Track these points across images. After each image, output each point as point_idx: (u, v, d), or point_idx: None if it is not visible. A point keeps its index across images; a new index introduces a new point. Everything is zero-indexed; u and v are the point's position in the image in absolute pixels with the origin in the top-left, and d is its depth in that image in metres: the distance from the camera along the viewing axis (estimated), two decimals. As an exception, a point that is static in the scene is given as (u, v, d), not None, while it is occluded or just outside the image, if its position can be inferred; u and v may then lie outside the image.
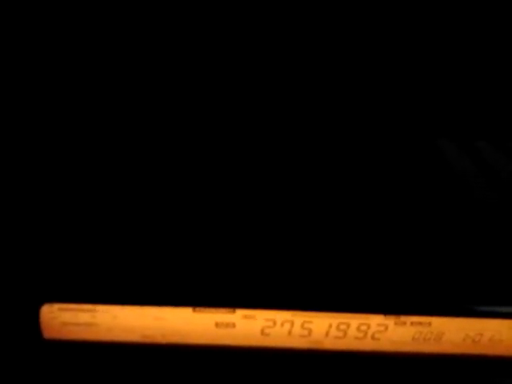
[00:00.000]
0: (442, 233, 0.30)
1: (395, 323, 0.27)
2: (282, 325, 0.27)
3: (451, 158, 0.37)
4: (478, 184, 0.35)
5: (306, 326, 0.27)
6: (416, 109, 0.39)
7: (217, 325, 0.27)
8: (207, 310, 0.26)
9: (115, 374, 0.27)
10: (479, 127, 0.39)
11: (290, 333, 0.27)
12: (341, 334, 0.27)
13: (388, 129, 0.40)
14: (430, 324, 0.27)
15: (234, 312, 0.26)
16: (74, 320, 0.26)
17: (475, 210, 0.32)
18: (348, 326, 0.27)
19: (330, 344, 0.27)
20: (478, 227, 0.30)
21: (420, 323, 0.27)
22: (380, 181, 0.35)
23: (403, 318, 0.27)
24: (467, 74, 0.39)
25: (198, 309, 0.26)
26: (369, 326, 0.27)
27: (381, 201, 0.32)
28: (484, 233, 0.30)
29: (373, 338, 0.27)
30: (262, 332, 0.27)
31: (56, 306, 0.26)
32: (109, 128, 0.37)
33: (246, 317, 0.27)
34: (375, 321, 0.27)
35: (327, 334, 0.27)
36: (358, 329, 0.27)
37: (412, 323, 0.27)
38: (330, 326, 0.27)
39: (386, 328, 0.27)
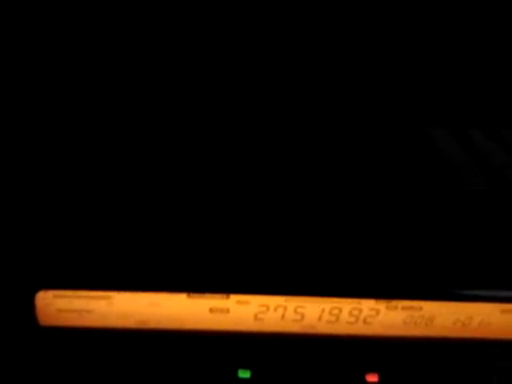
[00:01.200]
0: (433, 219, 0.30)
1: (386, 307, 0.27)
2: (276, 310, 0.27)
3: (443, 146, 0.38)
4: (469, 172, 0.35)
5: (299, 310, 0.27)
6: (408, 97, 0.40)
7: (211, 310, 0.27)
8: (201, 295, 0.27)
9: (110, 360, 0.28)
10: (471, 116, 0.39)
11: (283, 317, 0.27)
12: (333, 318, 0.27)
13: (380, 117, 0.40)
14: (421, 308, 0.27)
15: (228, 297, 0.27)
16: (69, 307, 0.27)
17: (466, 197, 0.32)
18: (340, 310, 0.27)
19: (323, 328, 0.28)
20: (468, 213, 0.31)
21: (411, 307, 0.27)
22: (371, 168, 0.35)
23: (394, 303, 0.27)
24: (460, 63, 0.40)
25: (192, 294, 0.26)
26: (360, 311, 0.27)
27: (372, 188, 0.33)
28: (474, 218, 0.30)
29: (365, 322, 0.27)
30: (256, 317, 0.27)
31: (51, 293, 0.26)
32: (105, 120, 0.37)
33: (239, 302, 0.27)
34: (367, 305, 0.27)
35: (320, 318, 0.27)
36: (350, 313, 0.27)
37: (403, 307, 0.27)
38: (323, 310, 0.27)
39: (378, 312, 0.27)
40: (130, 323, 0.27)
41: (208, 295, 0.27)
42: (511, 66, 0.40)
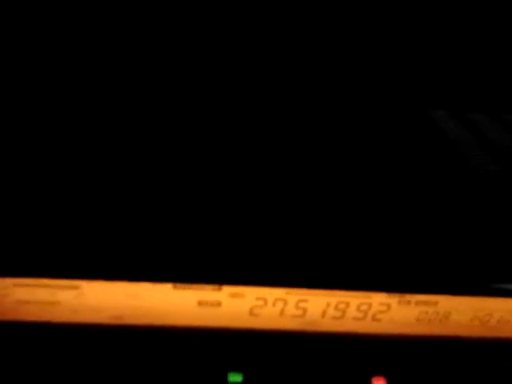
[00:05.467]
0: (448, 206, 0.27)
1: (399, 302, 0.24)
2: (274, 304, 0.24)
3: (448, 129, 0.35)
4: (475, 156, 0.33)
5: (301, 305, 0.24)
6: (412, 81, 0.38)
7: (200, 304, 0.23)
8: (189, 286, 0.23)
9: (79, 362, 0.24)
10: (475, 99, 0.38)
11: (282, 313, 0.24)
12: (339, 314, 0.24)
13: (384, 100, 0.38)
14: (436, 303, 0.24)
15: (219, 289, 0.23)
16: (31, 297, 0.22)
17: (479, 183, 0.30)
18: (347, 305, 0.24)
19: (327, 325, 0.24)
20: (482, 201, 0.28)
21: (426, 302, 0.24)
22: (377, 155, 0.32)
23: (408, 297, 0.24)
24: (463, 47, 0.38)
25: (178, 285, 0.23)
26: (370, 306, 0.24)
27: (380, 174, 0.30)
28: (491, 207, 0.28)
29: (374, 318, 0.24)
30: (251, 312, 0.24)
31: (10, 281, 0.22)
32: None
33: (233, 295, 0.23)
34: (377, 300, 0.24)
35: (324, 314, 0.24)
36: (358, 308, 0.24)
37: (417, 302, 0.24)
38: (328, 305, 0.24)
39: (389, 307, 0.24)
40: (104, 318, 0.23)
41: (197, 286, 0.23)
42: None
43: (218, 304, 0.23)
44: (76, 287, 0.23)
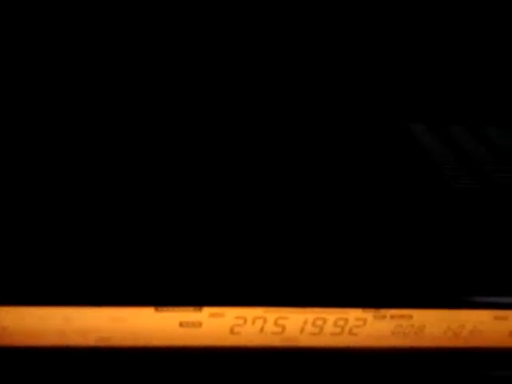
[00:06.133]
0: (421, 222, 0.28)
1: (374, 317, 0.25)
2: (254, 322, 0.25)
3: (424, 141, 0.36)
4: (451, 168, 0.33)
5: (280, 322, 0.25)
6: (389, 93, 0.38)
7: (181, 324, 0.24)
8: (171, 308, 0.24)
9: (70, 382, 0.25)
10: (452, 111, 0.38)
11: (262, 330, 0.25)
12: (317, 330, 0.25)
13: (360, 111, 0.38)
14: (411, 317, 0.25)
15: (200, 310, 0.24)
16: (18, 325, 0.23)
17: (452, 197, 0.30)
18: (324, 321, 0.25)
19: (305, 341, 0.25)
20: (456, 215, 0.29)
21: (401, 316, 0.25)
22: (354, 169, 0.33)
23: (383, 312, 0.25)
24: (442, 59, 0.38)
25: (160, 308, 0.24)
26: (346, 321, 0.25)
27: (355, 190, 0.31)
28: (464, 221, 0.28)
29: (350, 333, 0.25)
30: (232, 331, 0.25)
31: (-2, 310, 0.23)
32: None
33: (213, 315, 0.24)
34: (353, 315, 0.25)
35: (302, 330, 0.25)
36: (335, 324, 0.25)
37: (392, 316, 0.25)
38: (306, 321, 0.25)
39: (365, 322, 0.25)
40: (90, 341, 0.24)
41: (178, 308, 0.24)
42: (494, 63, 0.38)
43: (199, 324, 0.24)
44: (60, 313, 0.23)
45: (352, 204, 0.29)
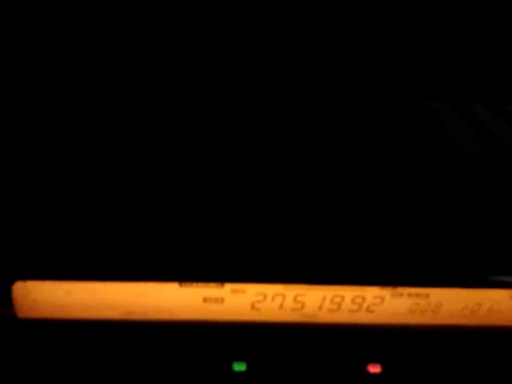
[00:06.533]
0: (439, 199, 0.28)
1: (392, 295, 0.25)
2: (273, 298, 0.25)
3: (446, 120, 0.36)
4: (474, 147, 0.33)
5: (299, 299, 0.25)
6: (411, 72, 0.38)
7: (205, 300, 0.25)
8: (194, 284, 0.25)
9: (95, 355, 0.26)
10: (475, 90, 0.38)
11: (281, 307, 0.26)
12: (335, 306, 0.26)
13: (381, 92, 0.38)
14: (427, 295, 0.25)
15: (222, 286, 0.25)
16: (49, 298, 0.25)
17: (473, 175, 0.31)
18: (342, 298, 0.25)
19: (324, 317, 0.26)
20: (475, 194, 0.29)
21: (417, 295, 0.25)
22: (374, 146, 0.33)
23: (400, 290, 0.25)
24: (462, 38, 0.38)
25: (184, 284, 0.25)
26: (364, 299, 0.25)
27: (374, 167, 0.31)
28: (482, 200, 0.29)
29: (368, 310, 0.26)
30: (252, 306, 0.25)
31: (30, 283, 0.24)
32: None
33: (235, 291, 0.25)
34: (371, 293, 0.25)
35: (321, 307, 0.26)
36: (353, 301, 0.26)
37: (409, 295, 0.25)
38: (324, 298, 0.25)
39: (382, 300, 0.26)
40: (117, 315, 0.25)
41: (201, 284, 0.25)
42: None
43: (222, 300, 0.25)
44: (90, 288, 0.25)
45: (372, 184, 0.29)
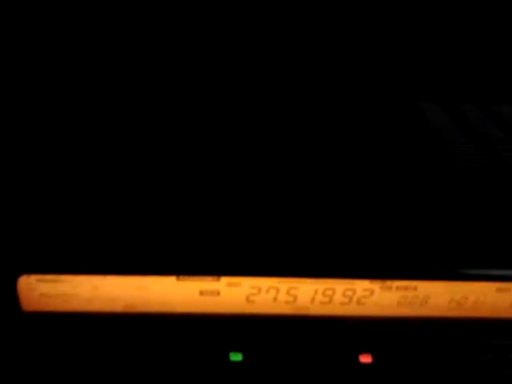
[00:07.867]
0: (427, 196, 0.29)
1: (381, 288, 0.26)
2: (268, 291, 0.26)
3: (435, 120, 0.37)
4: (463, 148, 0.34)
5: (292, 292, 0.26)
6: (401, 73, 0.39)
7: (201, 293, 0.26)
8: (191, 278, 0.26)
9: (97, 346, 0.27)
10: (464, 90, 0.39)
11: (275, 299, 0.27)
12: (326, 299, 0.27)
13: (371, 93, 0.39)
14: (415, 288, 0.27)
15: (218, 280, 0.26)
16: (53, 291, 0.26)
17: (461, 174, 0.32)
18: (333, 291, 0.26)
19: (316, 310, 0.27)
20: (462, 190, 0.30)
21: (406, 287, 0.26)
22: (363, 147, 0.34)
23: (389, 283, 0.26)
24: (451, 38, 0.39)
25: (181, 277, 0.26)
26: (354, 292, 0.27)
27: (365, 165, 0.32)
28: (469, 196, 0.30)
29: (358, 303, 0.27)
30: (247, 299, 0.27)
31: (34, 277, 0.25)
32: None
33: (230, 284, 0.26)
34: (361, 286, 0.26)
35: (313, 300, 0.27)
36: (344, 294, 0.27)
37: (397, 287, 0.27)
38: (316, 291, 0.26)
39: (372, 293, 0.27)
40: (118, 307, 0.26)
41: (198, 277, 0.26)
42: (503, 42, 0.39)
43: (218, 293, 0.26)
44: (92, 281, 0.26)
45: (363, 180, 0.30)
